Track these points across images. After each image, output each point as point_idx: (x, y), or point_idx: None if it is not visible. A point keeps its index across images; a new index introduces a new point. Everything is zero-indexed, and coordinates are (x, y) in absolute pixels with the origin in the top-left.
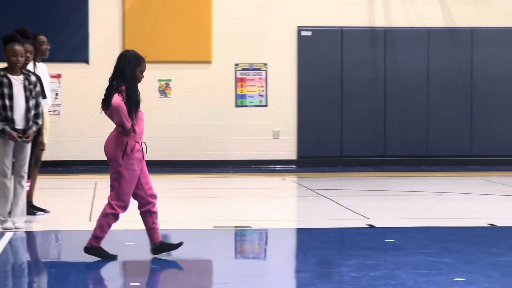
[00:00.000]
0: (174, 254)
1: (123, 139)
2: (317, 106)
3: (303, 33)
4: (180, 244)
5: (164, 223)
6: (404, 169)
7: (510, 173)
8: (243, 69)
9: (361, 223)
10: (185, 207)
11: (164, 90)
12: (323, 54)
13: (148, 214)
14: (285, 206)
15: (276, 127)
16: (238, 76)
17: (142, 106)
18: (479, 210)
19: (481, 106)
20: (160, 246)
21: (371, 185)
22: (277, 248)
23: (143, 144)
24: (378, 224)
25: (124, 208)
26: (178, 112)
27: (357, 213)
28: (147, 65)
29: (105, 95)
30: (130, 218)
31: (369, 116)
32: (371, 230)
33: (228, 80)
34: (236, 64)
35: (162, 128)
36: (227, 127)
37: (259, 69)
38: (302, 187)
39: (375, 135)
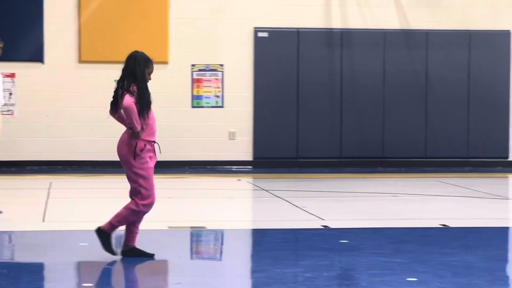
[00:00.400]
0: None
1: (132, 140)
2: (273, 107)
3: (260, 34)
4: (151, 255)
5: None
6: (360, 171)
7: (463, 175)
8: (200, 70)
9: (316, 224)
10: None
11: None
12: (280, 55)
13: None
14: (241, 207)
15: (232, 128)
16: (195, 77)
17: None
18: (432, 211)
19: (436, 108)
20: (132, 250)
21: (327, 186)
22: (232, 248)
23: (155, 144)
24: (333, 225)
25: (151, 205)
26: None
27: (312, 214)
28: (105, 66)
29: (113, 97)
30: (83, 219)
31: (325, 118)
32: (326, 231)
33: (185, 81)
34: (193, 65)
35: (117, 128)
36: (183, 128)
37: (215, 70)
38: (257, 188)
39: (331, 136)
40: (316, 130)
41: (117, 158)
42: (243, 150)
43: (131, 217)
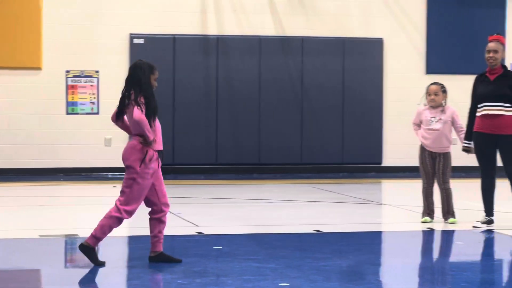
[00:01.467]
0: None
1: (143, 148)
2: None
3: (135, 41)
4: (179, 260)
5: None
6: (236, 177)
7: (337, 181)
8: (74, 76)
9: (191, 231)
10: (9, 216)
11: None
12: (156, 61)
13: (157, 222)
14: None
15: (108, 135)
16: (69, 83)
17: None
18: (306, 217)
19: (311, 115)
20: (160, 256)
21: (202, 192)
22: (105, 256)
23: (160, 153)
24: (207, 231)
25: (131, 214)
26: (6, 120)
27: (187, 221)
28: None
29: (119, 107)
30: None
31: (201, 124)
32: (200, 237)
33: (59, 87)
34: (67, 71)
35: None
36: (58, 135)
37: (90, 77)
38: None
39: (207, 143)
40: (192, 136)
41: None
42: (119, 157)
43: (114, 225)
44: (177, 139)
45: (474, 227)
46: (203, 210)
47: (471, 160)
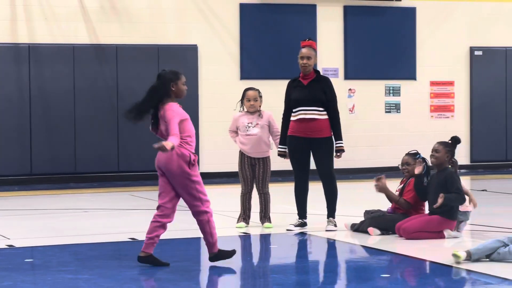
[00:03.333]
0: None
1: (184, 151)
2: None
3: None
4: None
5: None
6: (52, 187)
7: (154, 188)
8: None
9: (1, 244)
10: None
11: None
12: None
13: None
14: None
15: None
16: None
17: None
18: (122, 225)
19: (128, 123)
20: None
21: (15, 204)
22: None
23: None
24: (18, 244)
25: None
26: None
27: None
28: None
29: (152, 120)
30: None
31: (15, 134)
32: (11, 250)
33: None
34: None
35: None
36: None
37: None
38: None
39: (21, 153)
40: (5, 146)
41: None
42: None
43: (213, 224)
44: None
45: (288, 230)
46: (15, 222)
47: (288, 164)
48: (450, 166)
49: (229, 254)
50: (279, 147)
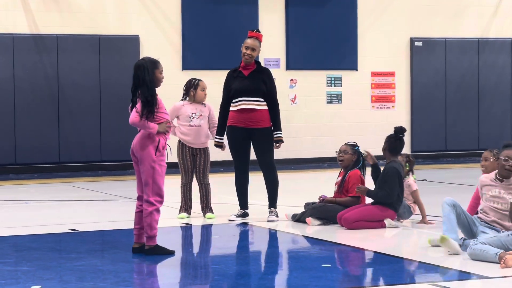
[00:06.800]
0: None
1: (154, 137)
2: None
3: None
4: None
5: None
6: None
7: (96, 178)
8: None
9: None
10: None
11: None
12: None
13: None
14: None
15: None
16: None
17: None
18: (63, 217)
19: (68, 113)
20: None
21: None
22: None
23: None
24: None
25: (162, 201)
26: None
27: None
28: None
29: (131, 106)
30: None
31: None
32: None
33: None
34: None
35: None
36: None
37: None
38: None
39: None
40: None
41: None
42: None
43: (157, 216)
44: None
45: (229, 220)
46: None
47: (229, 154)
48: (407, 164)
49: (167, 251)
50: (216, 137)
